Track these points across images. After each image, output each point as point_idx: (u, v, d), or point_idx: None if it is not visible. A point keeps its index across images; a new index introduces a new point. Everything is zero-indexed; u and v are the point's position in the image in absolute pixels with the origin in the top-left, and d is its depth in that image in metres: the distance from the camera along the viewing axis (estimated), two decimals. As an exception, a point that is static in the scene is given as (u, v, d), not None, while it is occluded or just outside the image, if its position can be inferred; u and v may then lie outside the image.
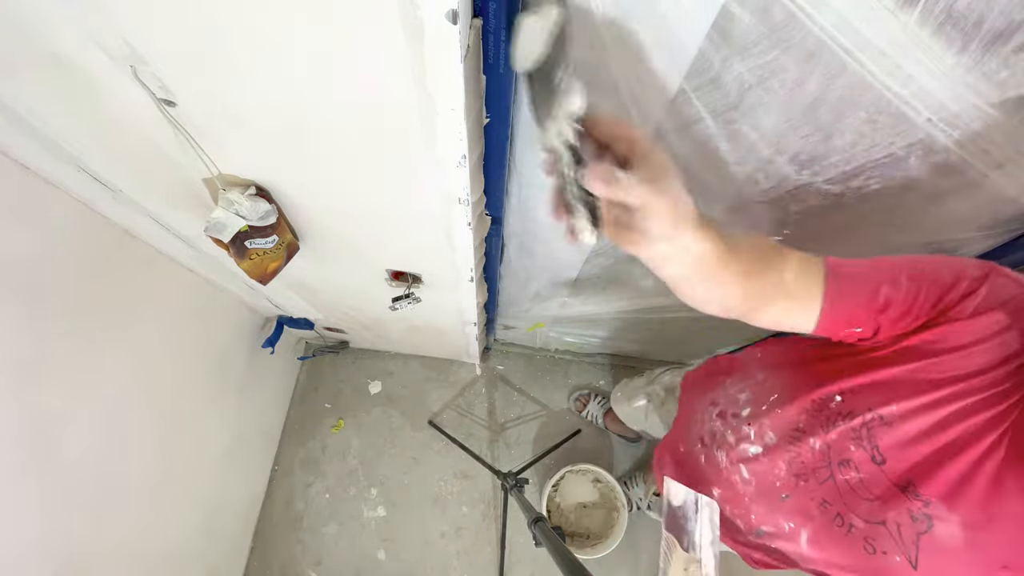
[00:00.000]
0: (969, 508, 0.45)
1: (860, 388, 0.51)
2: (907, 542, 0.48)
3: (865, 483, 0.51)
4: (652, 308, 1.16)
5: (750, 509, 0.65)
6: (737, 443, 0.66)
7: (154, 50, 0.48)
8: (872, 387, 0.50)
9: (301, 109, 0.53)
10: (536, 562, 1.60)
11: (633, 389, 1.27)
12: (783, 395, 0.61)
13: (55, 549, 0.88)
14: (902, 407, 0.48)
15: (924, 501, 0.47)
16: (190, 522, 1.30)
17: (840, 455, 0.52)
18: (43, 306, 0.78)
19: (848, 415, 0.52)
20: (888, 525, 0.49)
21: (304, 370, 1.84)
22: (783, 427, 0.59)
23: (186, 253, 1.03)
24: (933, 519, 0.46)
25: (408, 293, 0.97)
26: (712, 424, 0.72)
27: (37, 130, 0.65)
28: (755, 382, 0.68)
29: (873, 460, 0.50)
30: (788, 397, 0.60)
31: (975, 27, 0.43)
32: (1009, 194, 0.58)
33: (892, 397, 0.49)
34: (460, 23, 0.39)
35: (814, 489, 0.56)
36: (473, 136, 0.55)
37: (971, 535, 0.45)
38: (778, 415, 0.60)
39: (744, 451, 0.64)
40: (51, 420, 0.83)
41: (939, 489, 0.46)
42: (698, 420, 0.77)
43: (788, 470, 0.58)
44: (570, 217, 0.41)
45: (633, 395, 1.24)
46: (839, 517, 0.54)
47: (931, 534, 0.47)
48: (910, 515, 0.48)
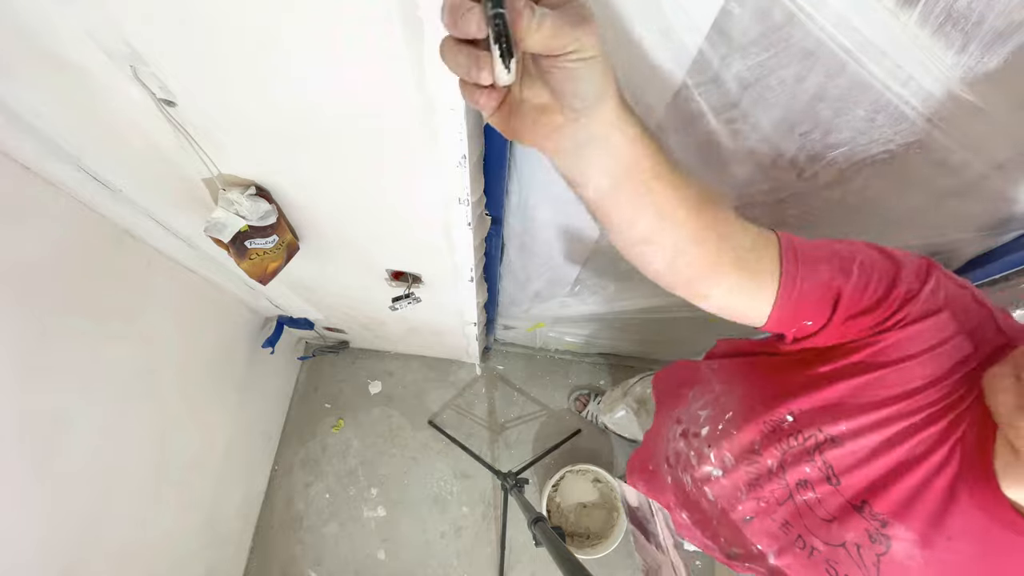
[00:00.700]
0: (924, 525, 0.44)
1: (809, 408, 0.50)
2: (868, 564, 0.47)
3: (822, 503, 0.50)
4: (652, 308, 1.16)
5: (718, 532, 0.65)
6: (700, 464, 0.65)
7: (154, 50, 0.48)
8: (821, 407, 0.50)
9: (301, 109, 0.53)
10: (536, 562, 1.60)
11: (612, 401, 1.31)
12: (737, 414, 0.60)
13: (56, 549, 0.88)
14: (850, 426, 0.47)
15: (880, 521, 0.46)
16: (190, 522, 1.30)
17: (797, 476, 0.52)
18: (43, 306, 0.78)
19: (799, 435, 0.51)
20: (848, 547, 0.49)
21: (304, 370, 1.84)
22: (740, 449, 0.58)
23: (186, 253, 1.03)
24: (891, 539, 0.46)
25: (408, 293, 0.97)
26: (676, 444, 0.71)
27: (37, 130, 0.65)
28: (712, 397, 0.67)
29: (828, 480, 0.49)
30: (742, 417, 0.59)
31: (975, 27, 0.43)
32: (1009, 194, 0.58)
33: (840, 416, 0.48)
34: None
35: (774, 510, 0.55)
36: (473, 136, 0.55)
37: (930, 554, 0.44)
38: (734, 437, 0.59)
39: (707, 473, 0.64)
40: (51, 420, 0.83)
41: (892, 507, 0.45)
42: (664, 438, 0.77)
43: (749, 492, 0.58)
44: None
45: (612, 407, 1.27)
46: (800, 539, 0.53)
47: (890, 555, 0.46)
48: (868, 536, 0.47)
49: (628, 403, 1.21)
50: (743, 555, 0.63)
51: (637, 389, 1.21)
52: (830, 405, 0.49)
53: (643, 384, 1.20)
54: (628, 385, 1.26)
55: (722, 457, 0.61)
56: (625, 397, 1.22)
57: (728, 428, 0.60)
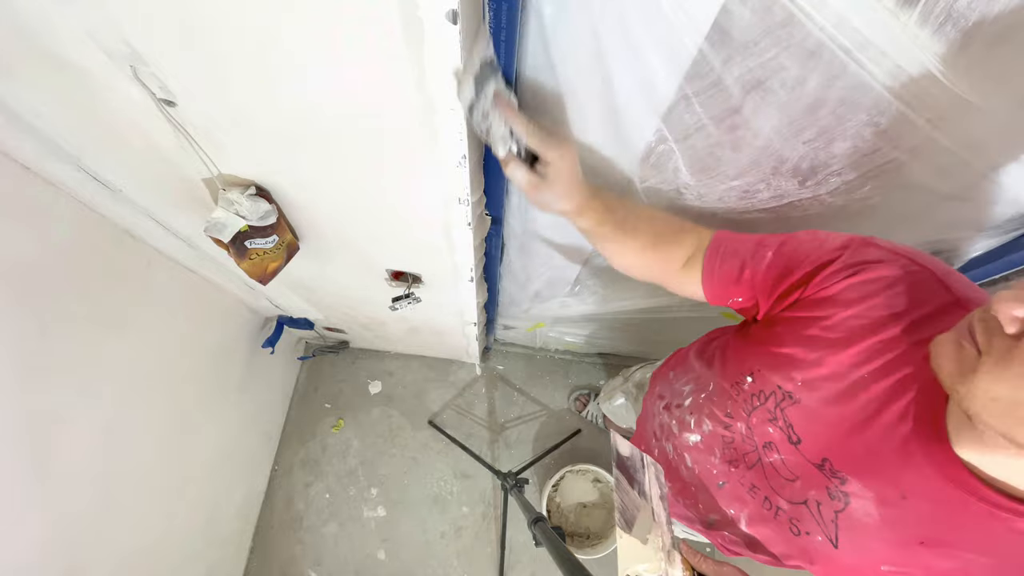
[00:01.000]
0: (881, 483, 0.45)
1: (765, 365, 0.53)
2: (826, 521, 0.49)
3: (786, 463, 0.52)
4: (652, 308, 1.16)
5: (697, 499, 0.67)
6: (680, 432, 0.68)
7: (154, 50, 0.48)
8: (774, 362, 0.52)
9: (301, 109, 0.53)
10: (536, 562, 1.60)
11: (612, 388, 1.30)
12: (715, 384, 0.63)
13: (57, 550, 0.88)
14: (803, 378, 0.49)
15: (840, 478, 0.47)
16: (190, 522, 1.29)
17: (763, 438, 0.54)
18: (43, 306, 0.78)
19: (760, 394, 0.53)
20: (809, 504, 0.50)
21: (304, 370, 1.84)
22: (716, 415, 0.61)
23: (186, 253, 1.03)
24: (850, 496, 0.47)
25: (408, 293, 0.97)
26: (660, 417, 0.75)
27: (37, 130, 0.65)
28: (694, 376, 0.70)
29: (790, 440, 0.51)
30: (718, 385, 0.62)
31: (975, 27, 0.43)
32: (1009, 194, 0.58)
33: (792, 370, 0.50)
34: (460, 23, 0.39)
35: (743, 474, 0.57)
36: (473, 136, 0.55)
37: (886, 511, 0.45)
38: (713, 402, 0.62)
39: (686, 440, 0.67)
40: (52, 421, 0.83)
41: (850, 464, 0.47)
42: (651, 415, 0.80)
43: (722, 456, 0.60)
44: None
45: (612, 394, 1.27)
46: (767, 501, 0.55)
47: (848, 512, 0.47)
48: (828, 493, 0.48)
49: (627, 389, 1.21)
50: (720, 521, 0.65)
51: (637, 375, 1.21)
52: (783, 360, 0.51)
53: (643, 371, 1.21)
54: (629, 372, 1.26)
55: (701, 423, 0.64)
56: (625, 383, 1.22)
57: (708, 397, 0.63)
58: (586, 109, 0.61)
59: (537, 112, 0.64)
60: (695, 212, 0.78)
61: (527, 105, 0.63)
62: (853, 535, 0.48)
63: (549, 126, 0.54)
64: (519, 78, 0.58)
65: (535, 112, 0.63)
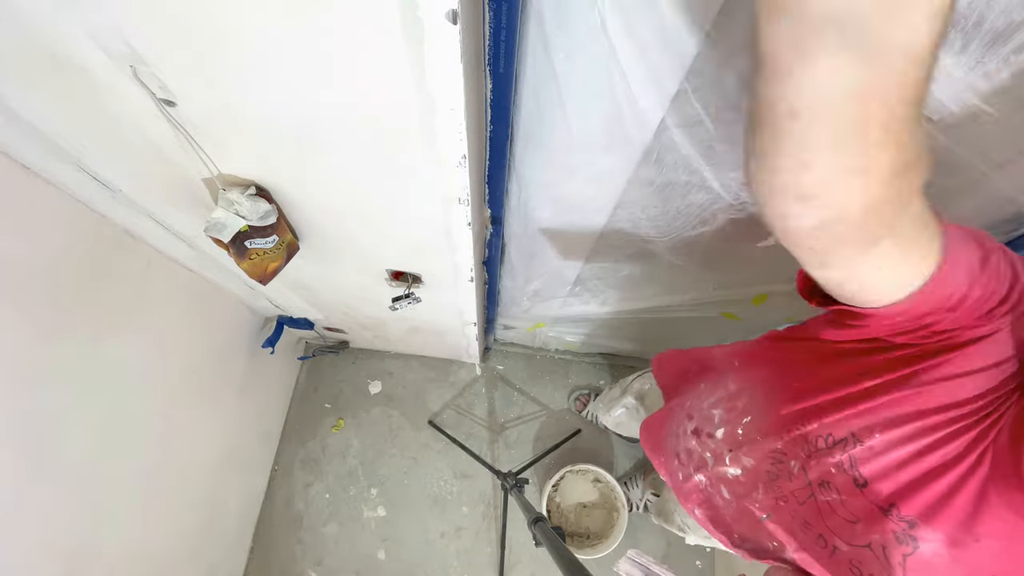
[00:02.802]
0: (953, 527, 0.44)
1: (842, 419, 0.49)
2: (893, 564, 0.47)
3: (846, 505, 0.50)
4: (652, 308, 1.16)
5: (732, 528, 0.65)
6: (715, 465, 0.64)
7: (154, 50, 0.48)
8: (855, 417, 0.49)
9: (301, 109, 0.53)
10: (536, 562, 1.60)
11: (610, 400, 1.29)
12: (758, 419, 0.59)
13: (56, 550, 0.88)
14: (885, 438, 0.46)
15: (908, 522, 0.46)
16: (190, 522, 1.29)
17: (820, 477, 0.51)
18: (43, 306, 0.78)
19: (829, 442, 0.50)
20: (873, 548, 0.48)
21: (304, 370, 1.84)
22: (761, 453, 0.57)
23: (186, 253, 1.03)
24: (919, 540, 0.45)
25: (408, 293, 0.97)
26: (688, 442, 0.71)
27: (37, 130, 0.65)
28: (727, 396, 0.66)
29: (855, 483, 0.48)
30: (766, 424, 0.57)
31: (975, 27, 0.43)
32: (1009, 194, 0.58)
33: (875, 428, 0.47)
34: (460, 23, 0.39)
35: (795, 509, 0.55)
36: (473, 136, 0.55)
37: (957, 553, 0.44)
38: (756, 441, 0.58)
39: (723, 472, 0.63)
40: (51, 420, 0.83)
41: (922, 509, 0.45)
42: (674, 432, 0.75)
43: (767, 492, 0.57)
44: None
45: (610, 406, 1.26)
46: (821, 539, 0.53)
47: (917, 555, 0.46)
48: (895, 537, 0.47)
49: (627, 401, 1.20)
50: (756, 550, 0.63)
51: (636, 385, 1.20)
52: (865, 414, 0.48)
53: (642, 380, 1.20)
54: (627, 382, 1.25)
55: (740, 459, 0.60)
56: (624, 395, 1.21)
57: (749, 433, 0.59)
58: (586, 109, 0.61)
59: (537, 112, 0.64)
60: (698, 208, 0.78)
61: (527, 106, 0.63)
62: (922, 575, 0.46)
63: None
64: (519, 78, 0.58)
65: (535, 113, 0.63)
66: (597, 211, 0.82)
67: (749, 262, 0.88)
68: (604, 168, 0.71)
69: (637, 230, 0.85)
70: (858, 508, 0.49)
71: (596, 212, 0.83)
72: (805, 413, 0.52)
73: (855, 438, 0.48)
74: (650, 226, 0.83)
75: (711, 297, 1.05)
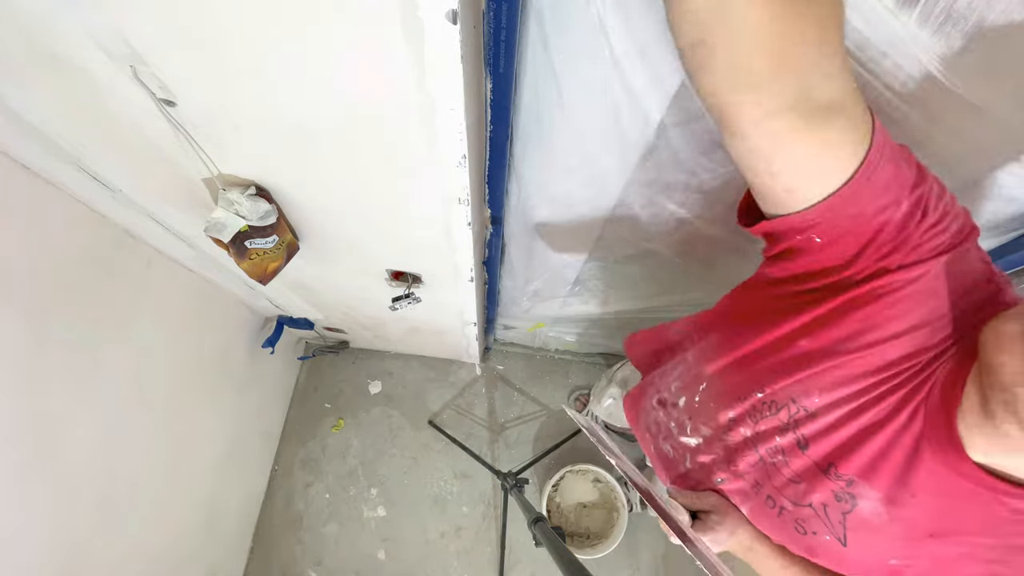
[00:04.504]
0: (889, 483, 0.45)
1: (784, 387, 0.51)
2: (834, 522, 0.49)
3: (790, 465, 0.51)
4: (652, 308, 1.16)
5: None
6: (679, 435, 0.67)
7: (154, 50, 0.48)
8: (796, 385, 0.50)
9: (301, 109, 0.53)
10: (536, 562, 1.60)
11: (599, 391, 1.29)
12: (711, 387, 0.61)
13: (56, 550, 0.88)
14: (824, 400, 0.47)
15: (846, 481, 0.47)
16: (190, 522, 1.30)
17: (769, 443, 0.53)
18: (43, 306, 0.78)
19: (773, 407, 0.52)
20: (815, 507, 0.50)
21: (304, 370, 1.84)
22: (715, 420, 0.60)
23: (186, 253, 1.03)
24: (857, 498, 0.47)
25: (408, 293, 0.97)
26: (656, 413, 0.73)
27: (37, 130, 0.65)
28: (687, 366, 0.68)
29: (798, 445, 0.50)
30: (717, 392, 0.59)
31: (975, 27, 0.43)
32: (1009, 194, 0.58)
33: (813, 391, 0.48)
34: (460, 23, 0.39)
35: (746, 471, 0.57)
36: (473, 136, 0.55)
37: (894, 510, 0.45)
38: (710, 408, 0.60)
39: (685, 442, 0.66)
40: (51, 420, 0.83)
41: (858, 468, 0.46)
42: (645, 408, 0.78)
43: (724, 458, 0.60)
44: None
45: (600, 397, 1.27)
46: (770, 499, 0.55)
47: (856, 513, 0.47)
48: (834, 495, 0.48)
49: (613, 391, 1.21)
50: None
51: (619, 374, 1.21)
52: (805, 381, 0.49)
53: (624, 368, 1.21)
54: (611, 372, 1.26)
55: (698, 427, 0.63)
56: (610, 385, 1.22)
57: (704, 400, 0.62)
58: (586, 109, 0.61)
59: (537, 112, 0.64)
60: (698, 208, 0.78)
61: (527, 106, 0.63)
62: (861, 534, 0.48)
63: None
64: (519, 78, 0.58)
65: (535, 113, 0.63)
66: (597, 211, 0.82)
67: (750, 261, 0.88)
68: (604, 168, 0.71)
69: (637, 229, 0.85)
70: (801, 468, 0.51)
71: (596, 212, 0.83)
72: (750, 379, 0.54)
73: (795, 403, 0.50)
74: (650, 225, 0.83)
75: (711, 297, 1.05)
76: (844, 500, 0.48)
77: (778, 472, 0.53)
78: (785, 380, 0.50)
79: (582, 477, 1.62)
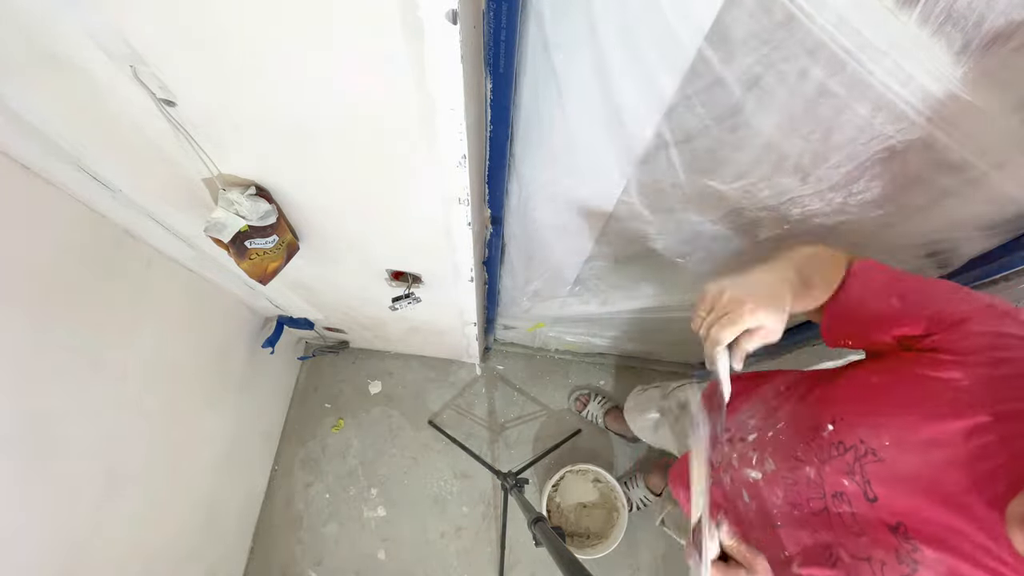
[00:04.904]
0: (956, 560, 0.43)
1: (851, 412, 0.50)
2: None
3: (857, 519, 0.50)
4: (652, 308, 1.16)
5: (749, 534, 0.65)
6: (740, 466, 0.65)
7: (154, 50, 0.48)
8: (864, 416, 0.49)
9: (301, 109, 0.53)
10: (536, 562, 1.60)
11: (647, 400, 1.22)
12: (787, 423, 0.60)
13: (56, 550, 0.87)
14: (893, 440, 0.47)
15: (913, 545, 0.46)
16: (190, 522, 1.29)
17: (834, 487, 0.52)
18: (43, 306, 0.78)
19: (840, 446, 0.51)
20: (873, 563, 0.49)
21: (304, 370, 1.84)
22: (782, 454, 0.58)
23: (186, 253, 1.03)
24: (919, 564, 0.45)
25: (408, 293, 0.97)
26: (722, 449, 0.71)
27: (37, 130, 0.65)
28: (767, 408, 0.67)
29: (865, 496, 0.49)
30: (791, 425, 0.59)
31: (975, 27, 0.43)
32: (1009, 194, 0.58)
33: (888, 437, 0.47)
34: (460, 23, 0.39)
35: (807, 519, 0.55)
36: (473, 136, 0.55)
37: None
38: (780, 443, 0.59)
39: (746, 475, 0.64)
40: (51, 420, 0.83)
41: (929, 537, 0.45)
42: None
43: (784, 498, 0.58)
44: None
45: (646, 407, 1.19)
46: (828, 548, 0.53)
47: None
48: (896, 556, 0.47)
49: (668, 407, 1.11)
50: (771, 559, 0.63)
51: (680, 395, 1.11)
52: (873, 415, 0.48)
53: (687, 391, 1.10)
54: (669, 388, 1.15)
55: (763, 461, 0.61)
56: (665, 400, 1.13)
57: (777, 435, 0.61)
58: (585, 109, 0.61)
59: (537, 112, 0.64)
60: (698, 207, 0.78)
61: (527, 106, 0.63)
62: None
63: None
64: (519, 78, 0.58)
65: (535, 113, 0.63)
66: (597, 210, 0.82)
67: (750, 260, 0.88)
68: (604, 167, 0.71)
69: (637, 229, 0.85)
70: (866, 522, 0.49)
71: (596, 211, 0.83)
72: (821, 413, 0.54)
73: (866, 446, 0.48)
74: (650, 225, 0.83)
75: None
76: (905, 563, 0.46)
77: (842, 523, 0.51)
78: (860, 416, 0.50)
79: (582, 477, 1.62)
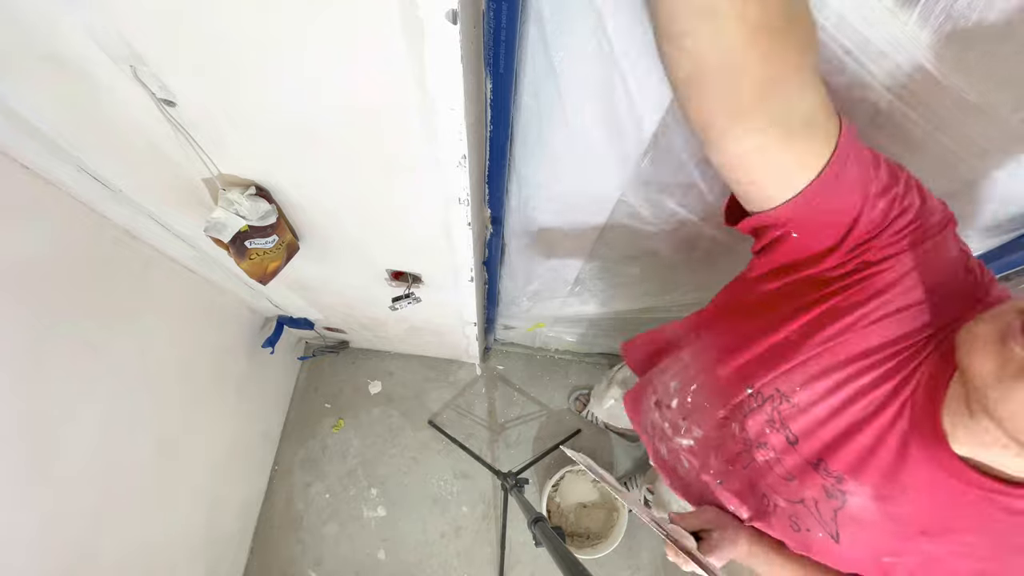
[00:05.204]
0: (878, 480, 0.45)
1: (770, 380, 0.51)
2: (826, 519, 0.49)
3: (781, 462, 0.52)
4: (652, 308, 1.16)
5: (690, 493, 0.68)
6: (674, 435, 0.68)
7: (154, 50, 0.48)
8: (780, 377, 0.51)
9: (301, 109, 0.53)
10: (536, 562, 1.60)
11: (600, 392, 1.30)
12: (702, 387, 0.62)
13: (55, 549, 0.88)
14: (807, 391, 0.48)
15: (835, 477, 0.47)
16: (190, 522, 1.30)
17: (759, 438, 0.54)
18: (43, 306, 0.78)
19: (758, 396, 0.53)
20: (807, 503, 0.51)
21: (304, 370, 1.84)
22: (708, 420, 0.60)
23: (186, 253, 1.03)
24: (847, 494, 0.47)
25: (408, 293, 0.97)
26: (652, 415, 0.74)
27: (37, 130, 0.65)
28: (682, 366, 0.68)
29: (787, 441, 0.51)
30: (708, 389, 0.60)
31: (975, 27, 0.43)
32: (1009, 194, 0.58)
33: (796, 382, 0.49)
34: (460, 23, 0.39)
35: (740, 473, 0.57)
36: (473, 136, 0.55)
37: (885, 507, 0.46)
38: (703, 409, 0.61)
39: (680, 443, 0.66)
40: (51, 420, 0.83)
41: (847, 464, 0.47)
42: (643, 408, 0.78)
43: (718, 457, 0.60)
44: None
45: (601, 398, 1.27)
46: (764, 498, 0.55)
47: (846, 509, 0.48)
48: (825, 492, 0.49)
49: (614, 392, 1.21)
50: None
51: (619, 375, 1.21)
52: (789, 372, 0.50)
53: (624, 369, 1.21)
54: (611, 373, 1.26)
55: (692, 429, 0.63)
56: (611, 386, 1.22)
57: (697, 400, 0.62)
58: (586, 109, 0.61)
59: (537, 112, 0.64)
60: (698, 207, 0.78)
61: (527, 106, 0.63)
62: (853, 530, 0.48)
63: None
64: (519, 78, 0.58)
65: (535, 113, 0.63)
66: (597, 210, 0.82)
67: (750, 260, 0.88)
68: (604, 167, 0.71)
69: (637, 229, 0.85)
70: (792, 465, 0.51)
71: (596, 211, 0.83)
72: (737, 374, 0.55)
73: (780, 394, 0.50)
74: (651, 225, 0.83)
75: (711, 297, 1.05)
76: (835, 497, 0.48)
77: (770, 470, 0.53)
78: (770, 373, 0.51)
79: (582, 477, 1.62)
